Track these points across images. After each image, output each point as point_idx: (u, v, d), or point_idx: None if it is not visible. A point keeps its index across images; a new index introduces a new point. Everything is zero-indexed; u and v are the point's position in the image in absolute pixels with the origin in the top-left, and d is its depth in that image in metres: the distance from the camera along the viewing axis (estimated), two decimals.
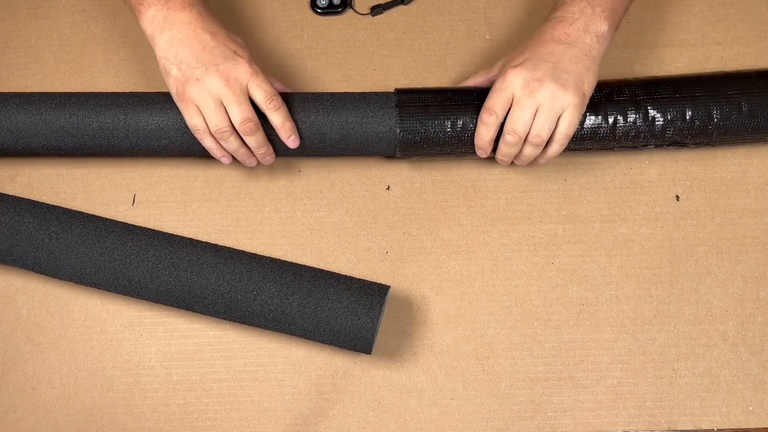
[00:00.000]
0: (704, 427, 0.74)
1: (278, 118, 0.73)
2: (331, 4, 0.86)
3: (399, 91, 0.77)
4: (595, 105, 0.75)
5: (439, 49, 0.85)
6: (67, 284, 0.79)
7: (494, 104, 0.72)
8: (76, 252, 0.74)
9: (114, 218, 0.79)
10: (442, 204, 0.81)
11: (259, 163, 0.77)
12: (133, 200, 0.82)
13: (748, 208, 0.80)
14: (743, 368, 0.76)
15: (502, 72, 0.73)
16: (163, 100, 0.77)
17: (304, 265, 0.76)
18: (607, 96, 0.75)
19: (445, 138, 0.76)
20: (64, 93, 0.79)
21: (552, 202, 0.80)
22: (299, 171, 0.82)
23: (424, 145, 0.76)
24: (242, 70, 0.70)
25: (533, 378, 0.76)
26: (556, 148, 0.73)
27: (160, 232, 0.77)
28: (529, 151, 0.74)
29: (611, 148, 0.78)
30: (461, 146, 0.76)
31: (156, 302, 0.76)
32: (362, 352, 0.73)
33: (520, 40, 0.84)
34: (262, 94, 0.71)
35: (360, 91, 0.78)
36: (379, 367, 0.77)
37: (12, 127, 0.77)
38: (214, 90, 0.70)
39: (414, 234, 0.80)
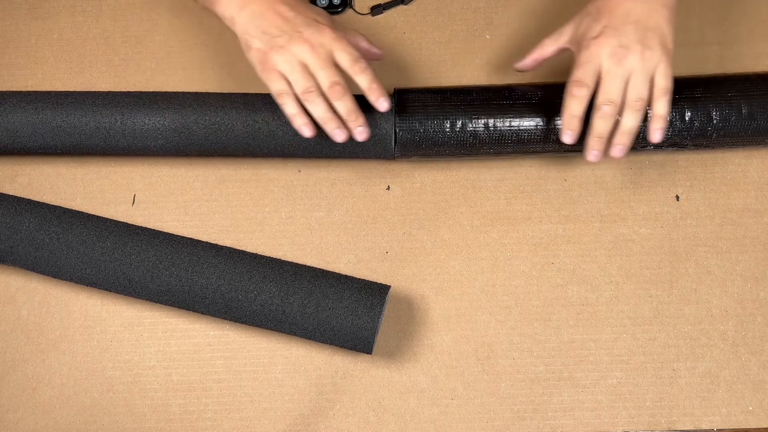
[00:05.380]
0: (704, 427, 0.74)
1: (365, 81, 0.71)
2: (331, 4, 0.86)
3: (398, 91, 0.77)
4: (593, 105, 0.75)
5: (439, 49, 0.85)
6: (67, 284, 0.79)
7: (584, 76, 0.70)
8: (76, 252, 0.74)
9: (114, 218, 0.79)
10: (442, 204, 0.81)
11: (349, 139, 0.72)
12: (133, 200, 0.82)
13: (748, 208, 0.80)
14: (743, 368, 0.76)
15: (583, 45, 0.71)
16: (160, 100, 0.77)
17: (305, 265, 0.76)
18: None
19: (444, 138, 0.76)
20: (61, 92, 0.79)
21: (552, 202, 0.80)
22: (299, 171, 0.82)
23: (423, 145, 0.76)
24: (326, 36, 0.69)
25: (533, 378, 0.76)
26: (662, 106, 0.70)
27: (160, 232, 0.77)
28: (632, 121, 0.70)
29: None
30: (460, 147, 0.76)
31: (156, 302, 0.76)
32: (363, 352, 0.73)
33: (520, 40, 0.84)
34: (347, 57, 0.70)
35: (360, 92, 0.78)
36: (379, 367, 0.77)
37: (9, 126, 0.77)
38: (299, 56, 0.69)
39: (414, 234, 0.80)
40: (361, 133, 0.72)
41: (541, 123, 0.75)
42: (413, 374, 0.76)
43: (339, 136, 0.72)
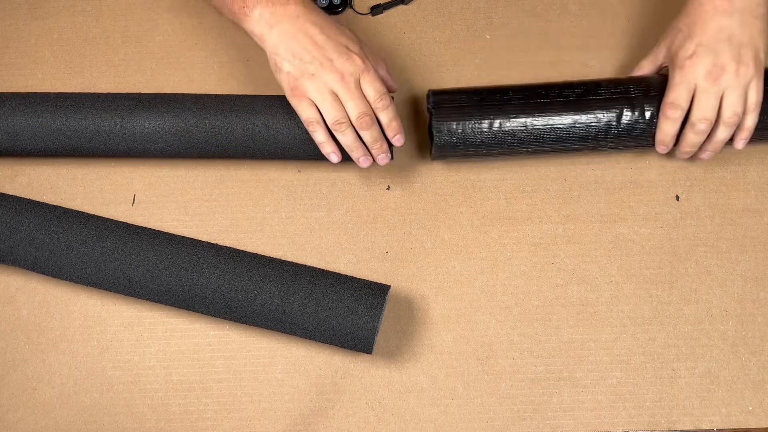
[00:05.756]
0: (704, 427, 0.74)
1: (386, 117, 0.73)
2: (331, 4, 0.86)
3: (434, 93, 0.77)
4: (631, 100, 0.75)
5: (439, 49, 0.85)
6: (67, 284, 0.79)
7: (678, 98, 0.72)
8: (76, 252, 0.74)
9: (114, 218, 0.79)
10: (442, 204, 0.81)
11: (373, 163, 0.75)
12: (133, 200, 0.82)
13: (748, 208, 0.80)
14: (743, 368, 0.76)
15: (677, 64, 0.72)
16: (160, 103, 0.77)
17: (305, 265, 0.76)
18: (644, 91, 0.75)
19: (482, 138, 0.76)
20: (61, 94, 0.79)
21: (552, 202, 0.80)
22: (299, 171, 0.82)
23: (461, 146, 0.76)
24: (356, 65, 0.70)
25: (533, 378, 0.76)
26: (752, 119, 0.73)
27: (160, 232, 0.77)
28: (724, 134, 0.73)
29: (647, 146, 0.77)
30: (498, 146, 0.76)
31: (156, 302, 0.76)
32: (363, 352, 0.73)
33: (520, 40, 0.84)
34: (373, 92, 0.71)
35: None
36: (379, 367, 0.77)
37: (9, 128, 0.77)
38: (329, 85, 0.70)
39: (414, 234, 0.80)
40: (383, 159, 0.75)
41: (579, 120, 0.75)
42: (413, 374, 0.76)
43: (364, 163, 0.75)
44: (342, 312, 0.71)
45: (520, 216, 0.80)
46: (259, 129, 0.76)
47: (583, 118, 0.75)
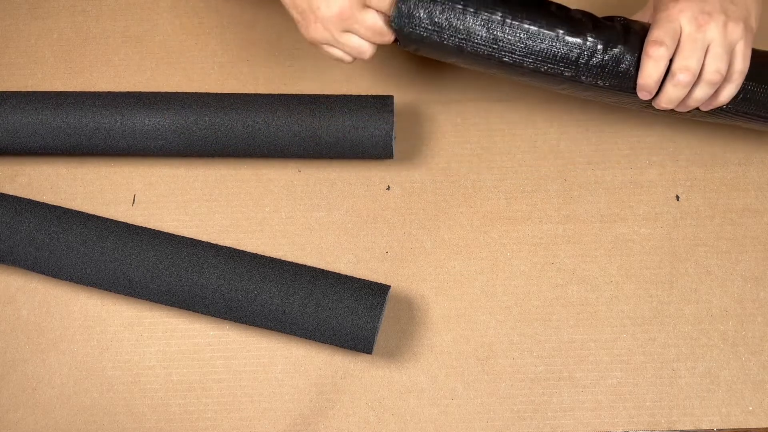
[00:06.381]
0: (704, 427, 0.74)
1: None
2: None
3: None
4: (622, 34, 0.67)
5: None
6: (67, 284, 0.79)
7: (662, 36, 0.64)
8: (76, 252, 0.74)
9: (114, 218, 0.79)
10: (442, 204, 0.81)
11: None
12: (133, 200, 0.82)
13: (748, 208, 0.80)
14: (743, 368, 0.76)
15: (661, 7, 0.65)
16: (160, 101, 0.77)
17: (305, 265, 0.76)
18: (636, 31, 0.68)
19: (451, 21, 0.65)
20: (61, 92, 0.79)
21: (552, 202, 0.80)
22: (299, 171, 0.82)
23: (425, 23, 0.65)
24: (329, 26, 0.65)
25: (533, 378, 0.76)
26: (731, 89, 0.66)
27: (160, 232, 0.77)
28: (702, 93, 0.66)
29: (629, 91, 0.69)
30: (466, 38, 0.66)
31: (156, 302, 0.76)
32: (363, 352, 0.73)
33: None
34: (368, 35, 0.66)
35: (360, 92, 0.78)
36: (379, 367, 0.77)
37: (9, 126, 0.77)
38: (321, 41, 0.67)
39: (414, 234, 0.80)
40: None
41: (563, 35, 0.66)
42: (413, 374, 0.76)
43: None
44: (342, 312, 0.71)
45: (520, 216, 0.80)
46: (259, 126, 0.76)
47: (569, 35, 0.66)
